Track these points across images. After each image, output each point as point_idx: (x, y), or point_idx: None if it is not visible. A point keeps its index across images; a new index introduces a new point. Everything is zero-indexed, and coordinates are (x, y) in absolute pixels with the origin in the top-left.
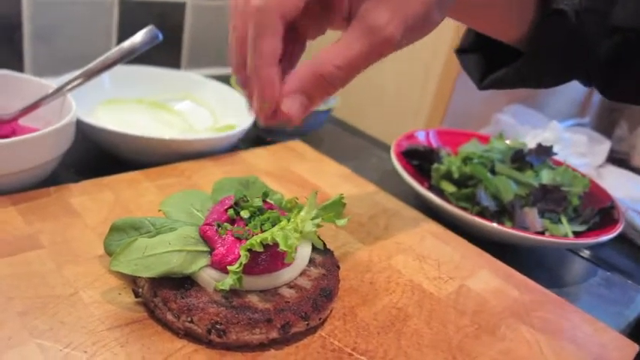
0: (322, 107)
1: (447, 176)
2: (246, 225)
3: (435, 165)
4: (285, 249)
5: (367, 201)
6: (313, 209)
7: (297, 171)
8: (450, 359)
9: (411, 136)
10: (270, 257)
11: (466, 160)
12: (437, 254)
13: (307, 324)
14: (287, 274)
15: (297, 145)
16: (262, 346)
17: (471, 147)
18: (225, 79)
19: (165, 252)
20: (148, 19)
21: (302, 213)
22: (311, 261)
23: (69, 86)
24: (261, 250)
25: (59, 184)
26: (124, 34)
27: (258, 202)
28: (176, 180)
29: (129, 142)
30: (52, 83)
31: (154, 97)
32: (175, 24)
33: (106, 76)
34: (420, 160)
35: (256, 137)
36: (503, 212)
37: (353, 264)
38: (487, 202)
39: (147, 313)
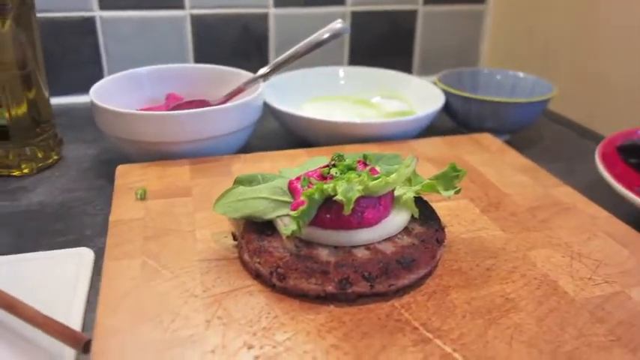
0: (535, 98)
1: None
2: None
3: None
4: (341, 198)
5: (536, 193)
6: (406, 174)
7: (469, 160)
8: None
9: (631, 133)
10: (341, 212)
11: None
12: (601, 255)
13: (371, 286)
14: (364, 234)
15: (485, 137)
16: (323, 300)
17: None
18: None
19: (253, 198)
20: (378, 27)
21: (393, 175)
22: (406, 230)
23: (261, 75)
24: (319, 197)
25: None
26: (355, 41)
27: (350, 161)
28: None
29: (303, 124)
30: (249, 73)
31: (361, 94)
32: (407, 30)
33: (312, 77)
34: None
35: (454, 129)
36: None
37: (478, 248)
38: None
39: (238, 254)
